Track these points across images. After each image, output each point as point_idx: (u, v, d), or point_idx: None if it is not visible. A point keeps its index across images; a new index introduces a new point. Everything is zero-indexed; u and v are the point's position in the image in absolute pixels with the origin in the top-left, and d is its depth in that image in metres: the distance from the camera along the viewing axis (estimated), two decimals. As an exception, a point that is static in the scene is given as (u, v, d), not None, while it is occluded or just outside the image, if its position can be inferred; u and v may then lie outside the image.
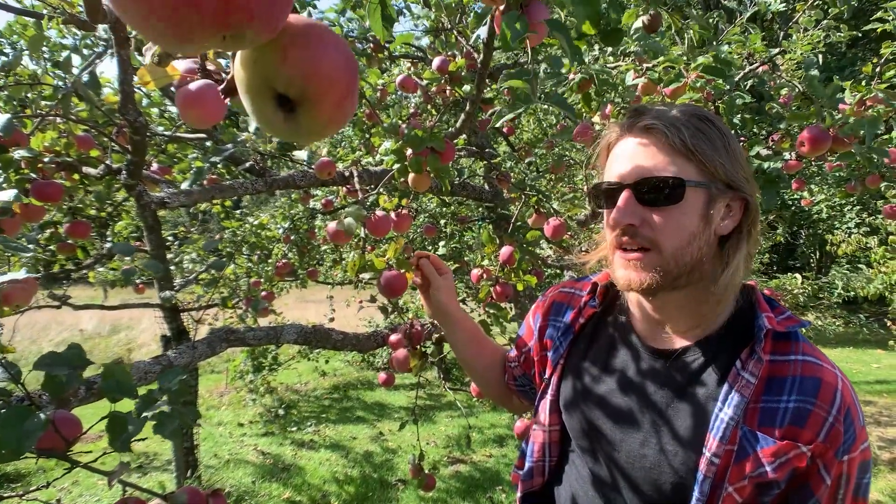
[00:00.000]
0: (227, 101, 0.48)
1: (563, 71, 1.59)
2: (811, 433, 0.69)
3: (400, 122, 2.24)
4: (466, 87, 1.75)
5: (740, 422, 0.70)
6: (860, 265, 8.74)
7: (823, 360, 0.73)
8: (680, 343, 0.80)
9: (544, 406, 0.92)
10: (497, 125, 0.82)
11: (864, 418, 0.73)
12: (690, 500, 0.71)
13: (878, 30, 1.59)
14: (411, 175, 1.34)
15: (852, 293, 7.26)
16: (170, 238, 4.07)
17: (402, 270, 1.17)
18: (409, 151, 1.32)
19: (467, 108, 1.51)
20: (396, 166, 1.33)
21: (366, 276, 1.30)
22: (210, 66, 0.65)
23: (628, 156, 0.75)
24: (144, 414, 0.84)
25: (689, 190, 0.71)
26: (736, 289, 0.78)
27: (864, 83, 1.45)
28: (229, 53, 0.50)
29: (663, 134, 0.72)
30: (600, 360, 0.87)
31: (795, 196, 8.30)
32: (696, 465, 0.71)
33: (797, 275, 4.86)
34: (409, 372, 1.63)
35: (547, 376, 0.93)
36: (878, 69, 1.56)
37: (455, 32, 1.66)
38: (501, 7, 0.76)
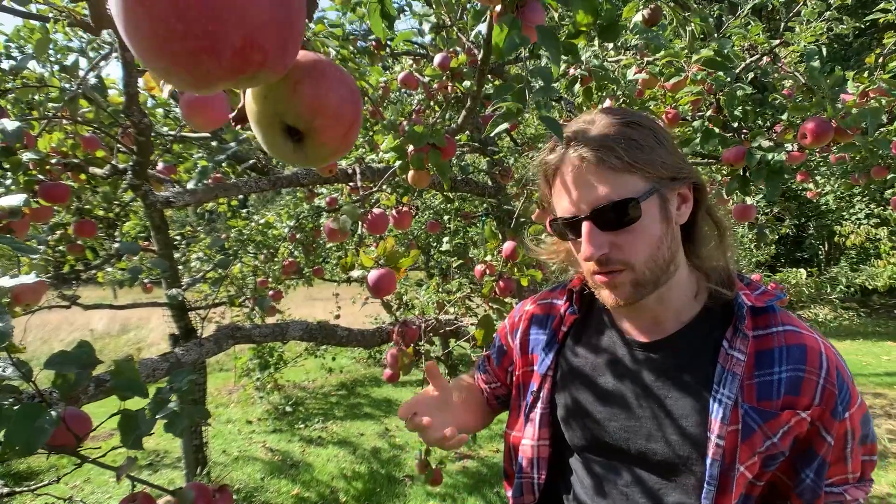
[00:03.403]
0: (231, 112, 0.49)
1: (563, 67, 1.59)
2: (807, 399, 0.71)
3: (401, 118, 2.24)
4: (467, 83, 1.75)
5: (739, 400, 0.72)
6: (869, 257, 8.68)
7: (802, 327, 0.76)
8: (665, 333, 0.81)
9: (534, 419, 0.91)
10: (492, 134, 0.83)
11: (851, 374, 0.75)
12: (702, 486, 0.72)
13: (881, 20, 1.58)
14: (411, 172, 1.35)
15: (854, 290, 7.22)
16: (177, 238, 4.10)
17: (392, 266, 1.17)
18: (409, 148, 1.33)
19: (468, 104, 1.51)
20: (398, 163, 1.34)
21: (355, 274, 1.31)
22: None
23: (574, 186, 0.75)
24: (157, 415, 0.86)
25: (644, 203, 0.72)
26: (711, 260, 0.80)
27: (867, 74, 1.45)
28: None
29: (598, 159, 0.72)
30: (591, 364, 0.87)
31: (801, 187, 8.24)
32: (704, 451, 0.72)
33: (802, 269, 4.84)
34: (400, 370, 1.63)
35: (535, 389, 0.92)
36: (880, 59, 1.55)
37: (456, 29, 1.66)
38: (498, 7, 0.76)
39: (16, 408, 0.74)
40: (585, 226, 0.73)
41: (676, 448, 0.75)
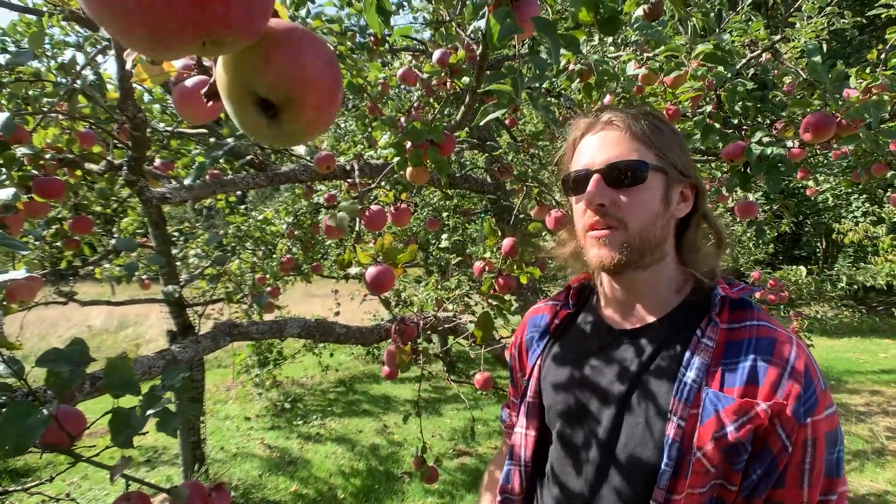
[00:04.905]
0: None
1: (563, 62, 1.58)
2: (768, 388, 0.70)
3: (399, 115, 2.22)
4: (466, 80, 1.74)
5: (703, 384, 0.73)
6: (867, 254, 8.68)
7: (778, 325, 0.77)
8: (647, 321, 0.84)
9: (524, 409, 0.95)
10: (481, 123, 0.83)
11: (825, 382, 0.73)
12: (660, 466, 0.73)
13: (883, 15, 1.57)
14: (410, 168, 1.34)
15: (856, 287, 7.22)
16: (175, 234, 4.09)
17: (390, 262, 1.16)
18: (408, 144, 1.32)
19: (467, 100, 1.50)
20: (396, 159, 1.33)
21: (353, 271, 1.30)
22: (207, 63, 0.64)
23: (594, 147, 0.83)
24: (148, 412, 0.84)
25: (651, 172, 0.79)
26: (701, 264, 0.84)
27: (869, 70, 1.43)
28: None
29: (625, 126, 0.81)
30: (575, 351, 0.90)
31: (801, 185, 8.24)
32: (664, 431, 0.74)
33: (802, 267, 4.83)
34: (398, 368, 1.63)
35: (526, 378, 0.96)
36: (883, 55, 1.54)
37: (454, 24, 1.65)
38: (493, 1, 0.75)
39: (6, 407, 0.73)
40: (594, 177, 0.80)
41: (648, 429, 0.76)
